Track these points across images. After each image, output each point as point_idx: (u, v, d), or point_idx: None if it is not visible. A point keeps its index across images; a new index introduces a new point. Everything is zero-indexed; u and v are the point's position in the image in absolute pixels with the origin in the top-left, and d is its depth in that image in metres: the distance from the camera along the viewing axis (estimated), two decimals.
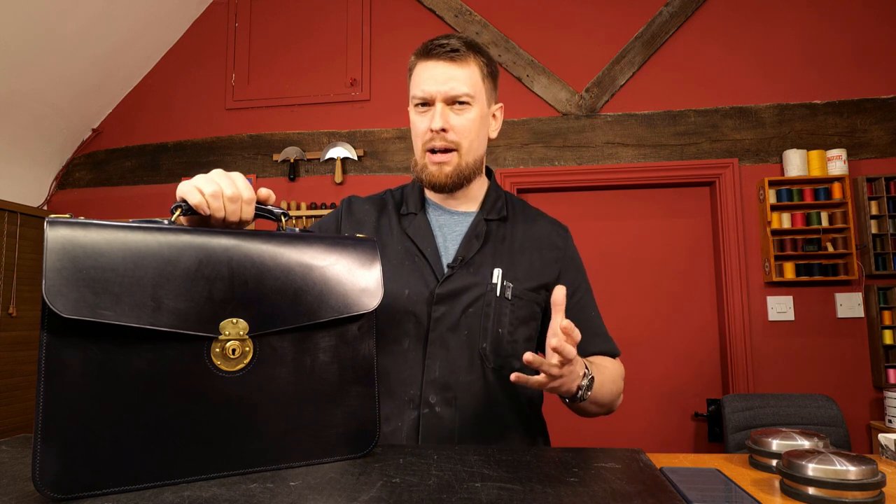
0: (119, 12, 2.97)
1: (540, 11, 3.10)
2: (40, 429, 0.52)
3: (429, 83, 0.95)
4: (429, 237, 1.00)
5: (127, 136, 3.39)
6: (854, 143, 2.78)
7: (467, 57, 0.96)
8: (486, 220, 1.02)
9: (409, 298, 0.95)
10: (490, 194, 1.06)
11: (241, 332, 0.62)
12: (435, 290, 0.95)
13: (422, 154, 0.99)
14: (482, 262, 0.98)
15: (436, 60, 0.95)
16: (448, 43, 0.95)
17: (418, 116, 0.98)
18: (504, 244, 1.01)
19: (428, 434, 0.91)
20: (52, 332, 0.54)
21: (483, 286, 0.96)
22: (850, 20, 2.85)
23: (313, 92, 3.23)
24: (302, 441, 0.66)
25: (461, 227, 1.02)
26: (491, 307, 0.95)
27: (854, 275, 2.63)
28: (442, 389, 0.92)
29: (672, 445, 2.80)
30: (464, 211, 1.04)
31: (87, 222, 0.56)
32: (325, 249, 0.70)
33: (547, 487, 0.57)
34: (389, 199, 1.09)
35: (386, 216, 1.05)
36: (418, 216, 1.03)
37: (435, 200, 1.05)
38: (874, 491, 0.62)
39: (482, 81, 0.98)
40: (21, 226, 3.00)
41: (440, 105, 0.95)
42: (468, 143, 0.97)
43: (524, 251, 1.02)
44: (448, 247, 1.00)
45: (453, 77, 0.94)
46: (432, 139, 0.96)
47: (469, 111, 0.96)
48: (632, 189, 3.01)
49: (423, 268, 0.97)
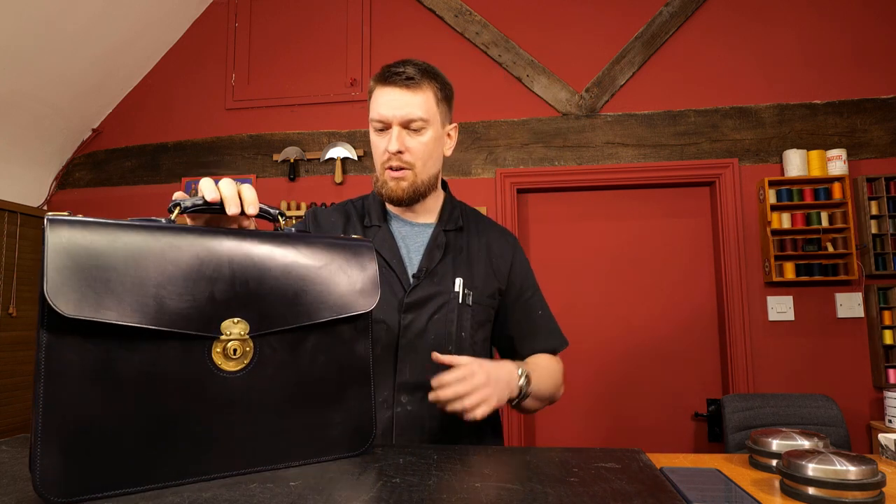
0: (119, 12, 2.97)
1: (540, 11, 3.10)
2: (40, 431, 0.52)
3: (385, 108, 1.02)
4: (394, 249, 1.07)
5: (127, 136, 3.39)
6: (854, 143, 2.78)
7: (421, 83, 1.02)
8: (444, 231, 1.10)
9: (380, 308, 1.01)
10: (446, 206, 1.14)
11: (242, 333, 0.62)
12: (403, 299, 1.03)
13: (381, 171, 1.06)
14: (444, 272, 1.07)
15: (392, 87, 1.02)
16: (404, 71, 1.02)
17: (377, 137, 1.05)
18: (462, 254, 1.10)
19: (401, 429, 1.00)
20: (51, 331, 0.53)
21: (446, 294, 1.05)
22: (850, 20, 2.86)
23: (313, 92, 3.23)
24: (301, 440, 0.66)
25: (422, 238, 1.11)
26: (454, 313, 1.04)
27: (854, 275, 2.63)
28: (413, 389, 1.01)
29: (672, 445, 2.81)
30: (423, 222, 1.12)
31: (88, 221, 0.56)
32: (324, 250, 0.70)
33: (547, 487, 0.57)
34: (352, 210, 1.16)
35: (351, 227, 1.12)
36: (382, 228, 1.10)
37: (396, 212, 1.13)
38: (874, 491, 0.62)
39: (436, 106, 1.05)
40: (21, 226, 3.01)
41: (396, 128, 1.02)
42: (422, 162, 1.05)
43: (479, 260, 1.11)
44: (412, 257, 1.08)
45: (408, 103, 1.01)
46: (389, 159, 1.04)
47: (423, 134, 1.03)
48: (632, 189, 3.01)
49: (390, 278, 1.04)
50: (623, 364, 2.89)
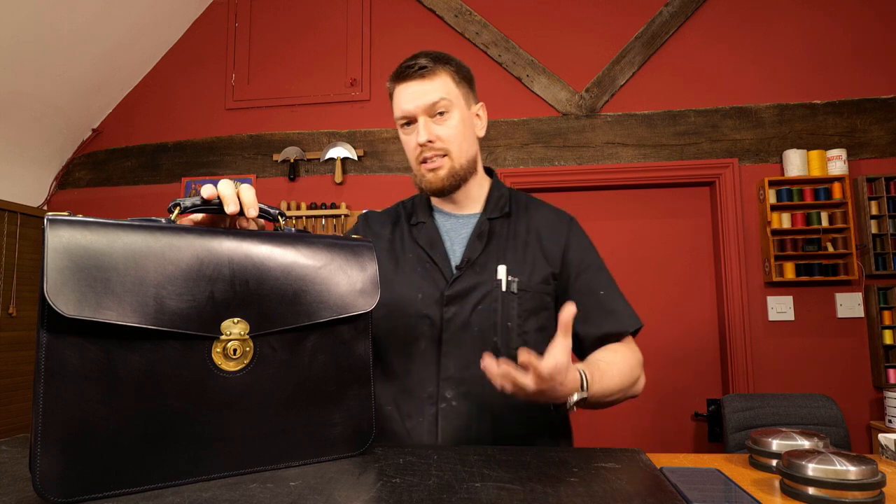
0: (119, 12, 2.97)
1: (540, 11, 3.10)
2: (40, 431, 0.52)
3: (406, 102, 1.01)
4: (437, 243, 1.06)
5: (127, 136, 3.39)
6: (854, 143, 2.78)
7: (435, 70, 1.02)
8: (488, 220, 1.07)
9: (423, 302, 1.01)
10: (493, 193, 1.11)
11: (242, 333, 0.62)
12: (444, 291, 1.00)
13: (417, 167, 1.05)
14: (487, 261, 1.02)
15: (408, 81, 1.02)
16: (416, 62, 1.01)
17: (406, 136, 1.05)
18: (507, 240, 1.05)
19: (447, 427, 0.95)
20: (51, 331, 0.53)
21: (489, 284, 1.00)
22: (851, 20, 2.86)
23: (313, 92, 3.23)
24: (301, 440, 0.66)
25: (466, 229, 1.08)
26: (498, 303, 0.99)
27: (854, 275, 2.63)
28: (457, 385, 0.97)
29: (672, 445, 2.80)
30: (468, 213, 1.10)
31: (88, 221, 0.56)
32: (324, 250, 0.70)
33: (547, 487, 0.57)
34: (402, 211, 1.15)
35: (399, 228, 1.12)
36: (427, 224, 1.08)
37: (440, 207, 1.11)
38: (874, 491, 0.62)
39: (456, 87, 1.03)
40: (21, 226, 3.01)
41: (422, 119, 1.01)
42: (457, 146, 1.03)
43: (528, 244, 1.05)
44: (455, 250, 1.06)
45: (427, 91, 1.01)
46: (422, 152, 1.02)
47: (450, 118, 1.02)
48: (632, 189, 3.01)
49: (434, 272, 1.03)
50: None
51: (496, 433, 0.96)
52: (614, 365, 0.95)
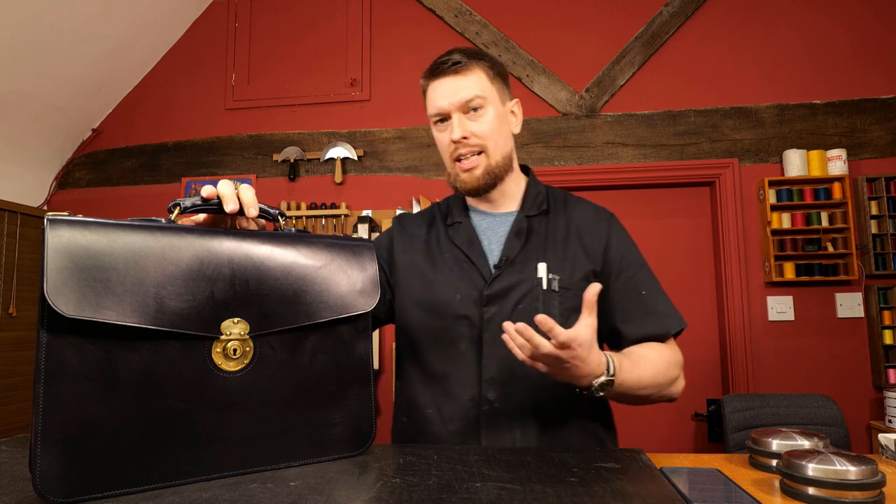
0: (119, 12, 2.97)
1: (540, 11, 3.10)
2: (40, 431, 0.52)
3: (440, 99, 1.00)
4: (474, 242, 1.04)
5: (127, 136, 3.39)
6: (854, 143, 2.78)
7: (470, 65, 1.00)
8: (526, 217, 1.04)
9: (461, 302, 0.99)
10: (529, 191, 1.09)
11: (242, 333, 0.62)
12: (484, 291, 0.98)
13: (451, 165, 1.03)
14: (526, 259, 1.00)
15: (441, 78, 1.00)
16: (450, 58, 1.00)
17: (439, 133, 1.03)
18: (547, 238, 1.03)
19: (490, 430, 0.93)
20: (51, 331, 0.53)
21: (529, 282, 0.98)
22: (850, 20, 2.85)
23: (313, 92, 3.23)
24: (301, 440, 0.66)
25: (504, 227, 1.05)
26: (539, 301, 0.97)
27: (854, 275, 2.63)
28: (500, 386, 0.94)
29: (672, 445, 2.80)
30: (505, 212, 1.07)
31: (88, 221, 0.56)
32: (324, 250, 0.70)
33: (547, 487, 0.57)
34: (437, 212, 1.14)
35: (434, 229, 1.10)
36: (463, 224, 1.06)
37: (476, 206, 1.09)
38: (874, 491, 0.62)
39: (490, 83, 1.01)
40: (21, 226, 3.01)
41: (456, 115, 0.99)
42: (492, 143, 1.01)
43: (567, 241, 1.03)
44: (493, 249, 1.04)
45: (461, 87, 0.99)
46: (457, 149, 1.00)
47: (485, 114, 1.00)
48: (632, 189, 3.01)
49: (472, 272, 1.01)
50: None
51: (541, 436, 0.94)
52: (647, 359, 0.94)
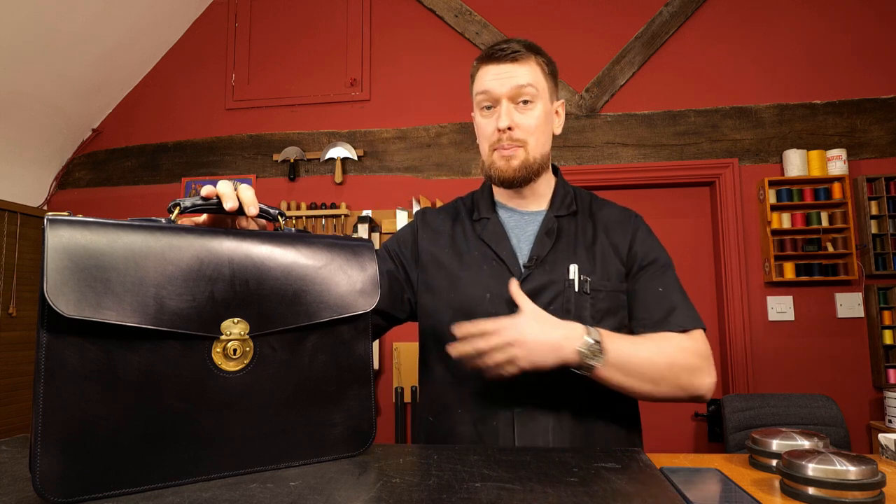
0: (119, 12, 2.97)
1: (540, 11, 3.10)
2: (40, 431, 0.52)
3: (493, 83, 0.97)
4: (503, 239, 1.01)
5: (127, 136, 3.39)
6: (854, 143, 2.78)
7: (528, 57, 0.98)
8: (556, 217, 1.03)
9: (491, 301, 0.97)
10: (558, 191, 1.07)
11: (242, 333, 0.62)
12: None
13: (489, 153, 1.01)
14: (556, 260, 0.99)
15: (498, 63, 0.98)
16: (509, 46, 0.98)
17: (484, 119, 1.00)
18: (577, 238, 1.02)
19: (523, 432, 0.92)
20: (51, 331, 0.53)
21: (561, 283, 0.97)
22: (850, 20, 2.86)
23: (313, 92, 3.23)
24: (301, 440, 0.66)
25: (532, 226, 1.04)
26: (571, 303, 0.96)
27: (854, 275, 2.63)
28: (532, 386, 0.93)
29: (672, 445, 2.80)
30: (534, 210, 1.06)
31: (87, 221, 0.56)
32: (324, 250, 0.70)
33: (547, 487, 0.57)
34: (461, 207, 1.11)
35: (460, 224, 1.07)
36: (491, 220, 1.04)
37: (504, 202, 1.07)
38: (874, 491, 0.62)
39: (544, 79, 1.00)
40: (21, 226, 3.01)
41: (505, 103, 0.97)
42: (534, 139, 0.99)
43: (596, 242, 1.02)
44: (522, 247, 1.02)
45: (516, 75, 0.97)
46: (499, 139, 0.98)
47: (534, 108, 0.98)
48: (632, 189, 3.01)
49: (501, 270, 0.98)
50: None
51: (573, 436, 0.93)
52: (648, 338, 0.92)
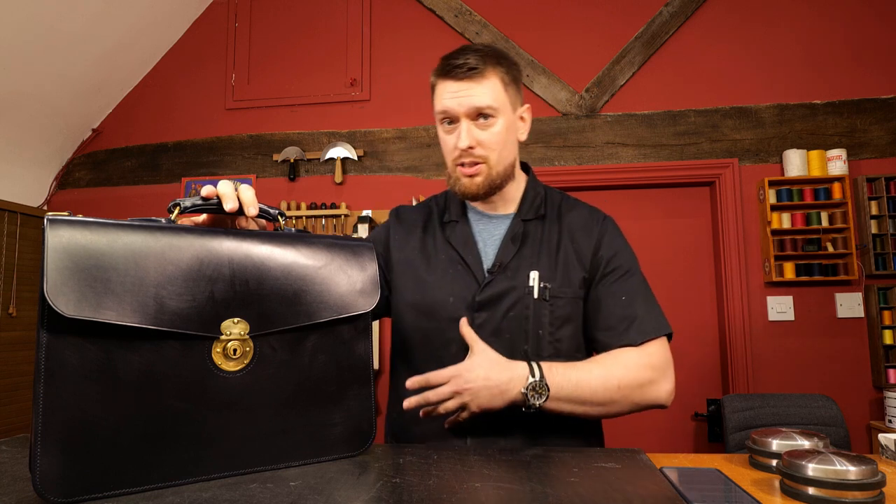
0: (119, 12, 2.97)
1: (540, 12, 3.10)
2: (40, 431, 0.52)
3: (450, 101, 0.96)
4: (470, 244, 1.02)
5: (127, 136, 3.39)
6: (854, 143, 2.78)
7: (485, 71, 0.95)
8: (522, 221, 1.03)
9: (454, 305, 0.98)
10: (528, 193, 1.07)
11: (242, 333, 0.62)
12: (476, 296, 0.97)
13: (453, 168, 1.01)
14: (519, 266, 0.99)
15: (455, 80, 0.96)
16: (466, 62, 0.95)
17: (445, 134, 1.00)
18: (541, 244, 1.01)
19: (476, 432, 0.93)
20: (51, 331, 0.53)
21: (521, 290, 0.97)
22: (850, 20, 2.85)
23: (313, 92, 3.23)
24: (301, 440, 0.66)
25: (500, 230, 1.04)
26: (529, 310, 0.97)
27: (854, 275, 2.63)
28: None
29: (672, 445, 2.80)
30: (502, 214, 1.06)
31: (88, 221, 0.56)
32: (324, 250, 0.70)
33: (547, 487, 0.57)
34: (434, 207, 1.12)
35: (431, 225, 1.08)
36: (459, 224, 1.05)
37: (474, 205, 1.07)
38: (874, 491, 0.62)
39: (504, 91, 0.98)
40: (21, 226, 3.00)
41: (465, 122, 0.96)
42: (496, 154, 0.98)
43: (560, 248, 1.01)
44: (488, 252, 1.02)
45: (473, 94, 0.95)
46: (461, 156, 0.98)
47: (494, 124, 0.97)
48: (632, 189, 3.01)
49: (466, 275, 1.00)
50: None
51: (525, 439, 0.93)
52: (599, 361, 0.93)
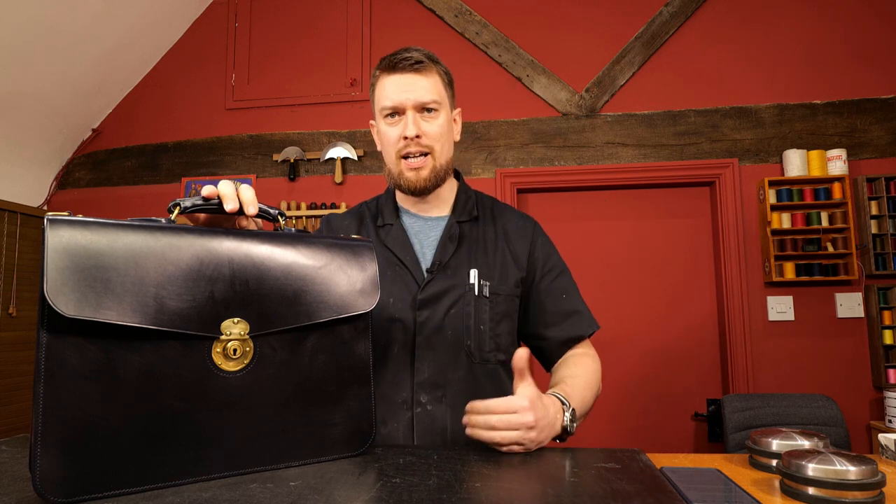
0: (119, 12, 2.97)
1: (540, 11, 3.10)
2: (40, 431, 0.52)
3: (398, 93, 1.00)
4: (406, 245, 1.04)
5: (127, 136, 3.39)
6: (854, 143, 2.78)
7: (430, 67, 1.02)
8: (458, 223, 1.07)
9: (395, 306, 1.00)
10: (460, 196, 1.11)
11: (242, 333, 0.62)
12: (417, 295, 0.99)
13: (396, 162, 1.03)
14: (458, 265, 1.03)
15: (401, 73, 1.00)
16: (411, 56, 1.00)
17: (388, 127, 1.02)
18: (478, 244, 1.06)
19: (422, 432, 0.94)
20: (51, 331, 0.53)
21: (462, 287, 1.01)
22: (850, 20, 2.85)
23: (313, 92, 3.23)
24: (301, 440, 0.66)
25: (436, 231, 1.07)
26: (471, 306, 1.00)
27: (854, 275, 2.63)
28: (432, 388, 0.96)
29: (672, 445, 2.80)
30: (436, 216, 1.09)
31: (88, 221, 0.56)
32: (324, 250, 0.70)
33: (547, 487, 0.57)
34: (366, 212, 1.13)
35: (364, 229, 1.10)
36: (394, 226, 1.07)
37: (408, 208, 1.10)
38: (874, 491, 0.62)
39: (444, 89, 1.04)
40: (21, 226, 3.00)
41: (411, 113, 1.00)
42: (440, 146, 1.02)
43: (497, 248, 1.06)
44: (425, 252, 1.05)
45: (421, 86, 1.00)
46: (407, 146, 1.00)
47: (438, 117, 1.02)
48: (632, 189, 3.01)
49: (405, 275, 1.02)
50: (623, 364, 2.89)
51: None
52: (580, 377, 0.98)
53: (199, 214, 0.70)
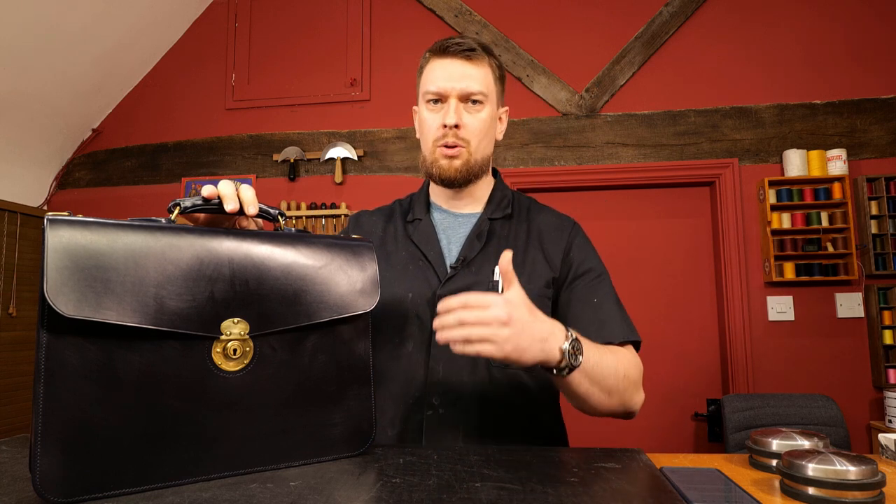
0: (119, 12, 2.97)
1: (540, 12, 3.10)
2: (40, 431, 0.52)
3: (444, 80, 0.96)
4: (432, 240, 1.00)
5: (127, 136, 3.39)
6: (854, 143, 2.78)
7: (482, 57, 0.97)
8: (489, 220, 1.02)
9: (413, 301, 0.95)
10: (495, 194, 1.06)
11: (242, 333, 0.62)
12: (437, 291, 0.95)
13: (431, 150, 0.99)
14: (484, 262, 0.97)
15: (451, 58, 0.96)
16: (464, 42, 0.96)
17: (429, 113, 0.98)
18: (507, 242, 1.00)
19: (432, 435, 0.90)
20: (51, 331, 0.53)
21: (485, 285, 0.95)
22: (850, 20, 2.85)
23: (313, 92, 3.23)
24: (301, 440, 0.66)
25: (465, 228, 1.03)
26: None
27: (854, 275, 2.63)
28: (445, 390, 0.91)
29: (672, 445, 2.80)
30: (468, 212, 1.05)
31: (88, 221, 0.56)
32: (324, 250, 0.70)
33: (547, 487, 0.57)
34: (397, 208, 1.10)
35: (392, 224, 1.07)
36: (423, 221, 1.03)
37: (440, 204, 1.06)
38: (874, 491, 0.62)
39: (494, 83, 0.99)
40: (21, 226, 3.00)
41: (454, 101, 0.96)
42: (477, 141, 0.98)
43: (528, 248, 1.00)
44: (452, 249, 1.00)
45: (469, 75, 0.95)
46: (444, 135, 0.96)
47: (481, 111, 0.97)
48: (632, 189, 3.01)
49: (427, 271, 0.97)
50: None
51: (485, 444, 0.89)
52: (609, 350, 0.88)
53: (199, 214, 0.70)
